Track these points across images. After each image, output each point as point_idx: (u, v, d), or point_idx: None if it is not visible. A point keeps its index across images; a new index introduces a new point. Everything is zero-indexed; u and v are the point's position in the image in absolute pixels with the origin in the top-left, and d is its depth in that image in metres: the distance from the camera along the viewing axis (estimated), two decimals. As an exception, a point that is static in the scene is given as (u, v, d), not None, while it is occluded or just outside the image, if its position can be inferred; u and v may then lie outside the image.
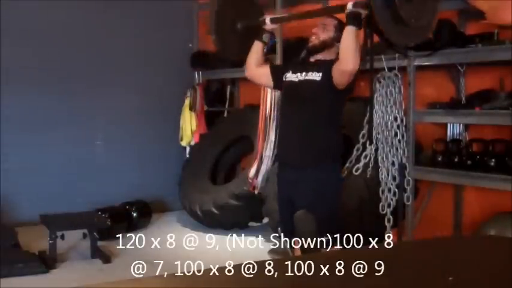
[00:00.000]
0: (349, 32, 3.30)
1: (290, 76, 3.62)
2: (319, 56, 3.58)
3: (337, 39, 3.51)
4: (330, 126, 3.52)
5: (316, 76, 3.47)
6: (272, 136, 5.02)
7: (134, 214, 5.93)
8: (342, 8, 3.41)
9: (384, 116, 4.38)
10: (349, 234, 3.67)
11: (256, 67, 3.78)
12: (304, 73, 3.54)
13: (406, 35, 3.39)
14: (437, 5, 3.45)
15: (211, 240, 5.62)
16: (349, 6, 3.35)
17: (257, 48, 3.77)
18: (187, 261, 4.81)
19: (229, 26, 4.02)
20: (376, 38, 3.98)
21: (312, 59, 3.63)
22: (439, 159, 4.29)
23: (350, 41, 3.29)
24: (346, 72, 3.35)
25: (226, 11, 4.04)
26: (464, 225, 4.64)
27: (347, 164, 4.59)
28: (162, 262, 4.81)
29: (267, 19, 3.78)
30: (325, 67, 3.46)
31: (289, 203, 3.51)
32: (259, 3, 4.22)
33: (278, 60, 5.41)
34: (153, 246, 5.39)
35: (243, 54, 3.83)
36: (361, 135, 4.50)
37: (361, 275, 1.54)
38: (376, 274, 1.53)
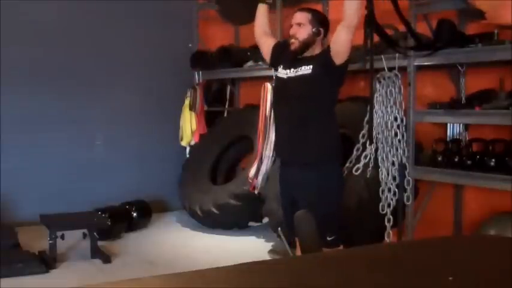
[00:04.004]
0: None
1: (281, 72, 3.58)
2: (306, 54, 3.55)
3: (316, 33, 3.49)
4: (325, 118, 3.49)
5: (306, 70, 3.44)
6: (272, 136, 5.00)
7: (134, 214, 5.94)
8: None
9: (384, 116, 4.38)
10: (349, 234, 3.66)
11: (262, 34, 3.76)
12: (293, 69, 3.50)
13: None
14: None
15: (211, 240, 5.62)
16: None
17: (262, 11, 3.76)
18: (187, 261, 4.82)
19: None
20: (376, 38, 3.99)
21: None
22: (439, 159, 4.29)
23: None
24: (351, 28, 3.34)
25: None
26: (464, 225, 4.64)
27: (347, 164, 4.59)
28: (162, 262, 4.82)
29: None
30: (315, 58, 3.45)
31: (292, 202, 3.50)
32: None
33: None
34: (153, 246, 5.39)
35: (249, 19, 3.79)
36: (361, 135, 4.49)
37: (361, 275, 1.54)
38: (376, 274, 1.53)
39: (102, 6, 6.34)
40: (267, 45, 3.75)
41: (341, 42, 3.36)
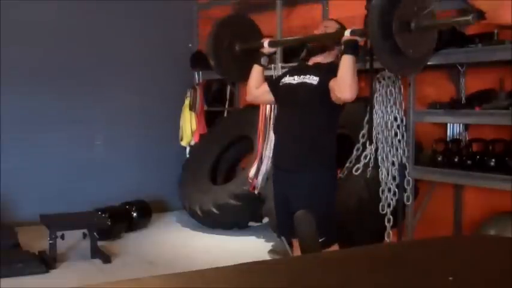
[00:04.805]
0: (346, 60, 3.26)
1: (287, 79, 3.60)
2: (319, 59, 3.56)
3: (338, 43, 3.50)
4: (324, 130, 3.49)
5: (313, 80, 3.45)
6: (272, 136, 5.02)
7: (134, 214, 5.94)
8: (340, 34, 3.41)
9: (384, 116, 4.38)
10: (349, 234, 3.66)
11: (254, 88, 3.78)
12: (302, 76, 3.51)
13: (403, 65, 3.33)
14: (435, 35, 3.40)
15: (211, 240, 5.62)
16: (347, 33, 3.33)
17: (257, 72, 3.76)
18: (187, 261, 4.82)
19: (227, 49, 4.03)
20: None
21: (310, 62, 3.62)
22: (439, 159, 4.29)
23: (347, 69, 3.25)
24: (342, 100, 3.36)
25: (224, 33, 4.05)
26: (464, 225, 4.64)
27: (347, 164, 4.59)
28: (162, 262, 4.82)
29: (265, 43, 3.77)
30: (323, 72, 3.44)
31: (285, 204, 3.50)
32: (257, 27, 4.23)
33: (278, 67, 5.40)
34: (153, 246, 5.39)
35: (243, 77, 3.84)
36: (361, 135, 4.49)
37: (361, 275, 1.54)
38: (376, 274, 1.53)
39: (102, 6, 6.34)
40: (262, 89, 3.76)
41: (335, 98, 3.38)
